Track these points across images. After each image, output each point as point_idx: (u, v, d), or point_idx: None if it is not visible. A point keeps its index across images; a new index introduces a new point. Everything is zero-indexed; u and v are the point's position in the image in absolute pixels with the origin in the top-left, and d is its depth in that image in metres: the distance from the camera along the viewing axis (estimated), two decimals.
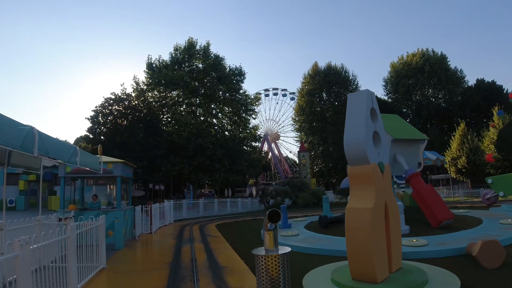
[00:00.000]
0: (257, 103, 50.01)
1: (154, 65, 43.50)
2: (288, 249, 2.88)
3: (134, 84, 41.90)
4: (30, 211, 30.43)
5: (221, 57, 44.43)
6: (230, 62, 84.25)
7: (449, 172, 41.17)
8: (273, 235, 2.85)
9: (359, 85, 76.90)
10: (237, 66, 45.61)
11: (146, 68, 43.65)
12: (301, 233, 11.96)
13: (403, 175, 13.81)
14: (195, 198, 35.26)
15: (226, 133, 43.96)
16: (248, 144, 45.46)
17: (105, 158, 11.37)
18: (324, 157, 71.13)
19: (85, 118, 33.15)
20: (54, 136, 6.85)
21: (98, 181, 19.40)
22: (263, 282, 2.80)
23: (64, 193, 11.11)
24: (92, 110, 33.15)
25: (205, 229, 15.11)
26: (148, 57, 42.95)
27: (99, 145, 11.70)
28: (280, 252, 2.79)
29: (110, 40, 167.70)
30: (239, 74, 45.45)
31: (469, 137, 40.76)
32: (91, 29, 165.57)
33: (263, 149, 78.07)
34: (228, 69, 44.75)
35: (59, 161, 7.34)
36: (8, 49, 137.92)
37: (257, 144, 54.30)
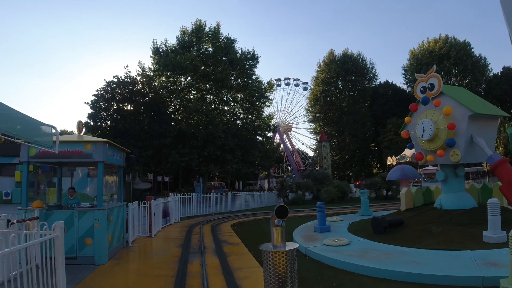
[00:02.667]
0: (271, 89, 46.57)
1: (160, 50, 40.46)
2: (296, 245, 2.72)
3: (140, 70, 38.79)
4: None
5: (233, 39, 41.06)
6: (242, 45, 79.94)
7: (484, 164, 37.44)
8: (281, 231, 2.61)
9: (377, 73, 73.42)
10: (250, 50, 42.26)
11: (152, 53, 40.68)
12: (352, 241, 8.75)
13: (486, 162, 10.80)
14: (205, 192, 32.27)
15: (239, 121, 40.70)
16: (262, 133, 42.13)
17: (86, 138, 8.30)
18: (339, 149, 67.69)
19: (85, 103, 30.15)
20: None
21: (92, 170, 16.26)
22: (270, 278, 2.64)
23: (27, 185, 8.06)
24: (92, 95, 30.17)
25: (219, 231, 11.97)
26: (153, 41, 39.87)
27: (78, 120, 8.63)
28: (288, 248, 2.60)
29: (116, 27, 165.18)
30: (252, 58, 42.09)
31: (506, 126, 37.03)
32: (94, 18, 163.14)
33: (275, 140, 74.77)
34: (240, 53, 41.40)
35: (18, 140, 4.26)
36: (10, 40, 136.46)
37: (270, 134, 50.93)
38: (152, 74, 39.23)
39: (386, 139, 58.16)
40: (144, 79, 36.00)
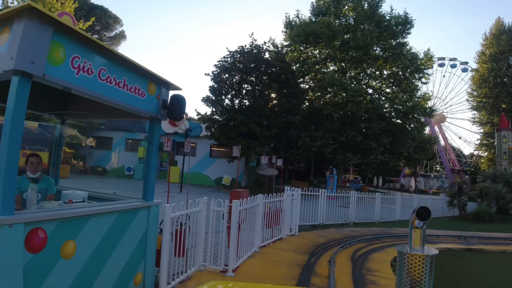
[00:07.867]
0: (428, 62, 36.73)
1: (293, 23, 35.29)
2: (435, 251, 2.27)
3: (271, 47, 34.08)
4: None
5: None
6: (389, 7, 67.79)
7: None
8: (421, 233, 2.29)
9: None
10: (401, 14, 33.53)
11: (284, 27, 35.84)
12: None
13: None
14: (339, 186, 25.91)
15: (386, 101, 32.60)
16: (416, 118, 33.03)
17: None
18: None
19: (205, 74, 26.59)
20: None
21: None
22: (403, 282, 2.30)
23: None
24: (214, 65, 26.46)
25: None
26: (285, 15, 35.02)
27: None
28: (426, 253, 2.23)
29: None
30: (404, 23, 33.26)
31: None
32: None
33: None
34: (388, 16, 33.19)
35: None
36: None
37: (423, 119, 40.72)
38: (285, 50, 34.40)
39: None
40: (273, 52, 31.21)
